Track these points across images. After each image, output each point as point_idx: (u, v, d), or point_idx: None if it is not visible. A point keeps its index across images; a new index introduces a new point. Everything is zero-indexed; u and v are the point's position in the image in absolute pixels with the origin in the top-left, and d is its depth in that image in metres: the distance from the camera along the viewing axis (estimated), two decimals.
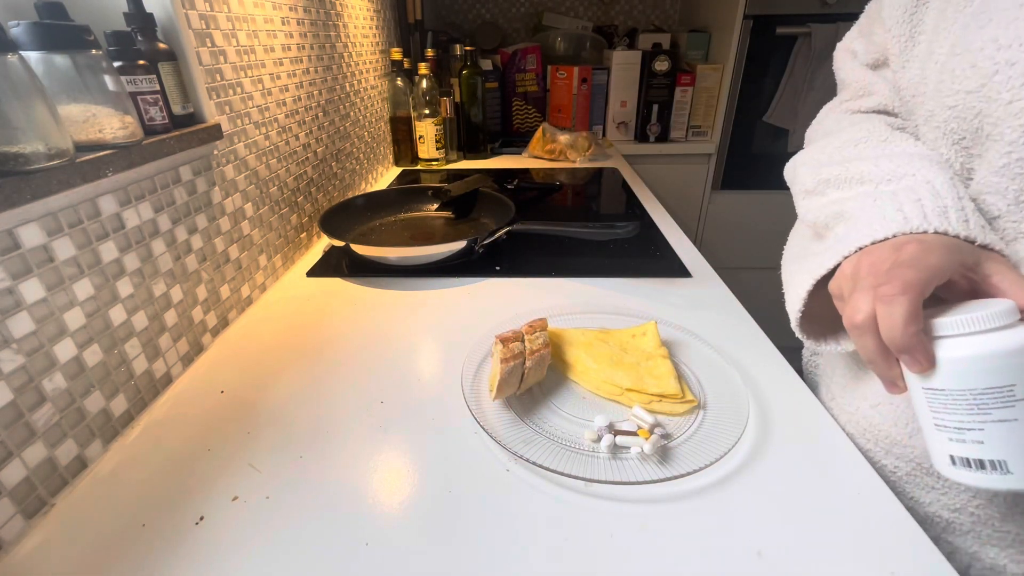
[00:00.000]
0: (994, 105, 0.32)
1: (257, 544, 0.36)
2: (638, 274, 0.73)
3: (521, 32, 1.77)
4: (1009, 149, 0.32)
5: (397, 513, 0.38)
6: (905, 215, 0.33)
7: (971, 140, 0.35)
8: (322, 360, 0.56)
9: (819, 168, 0.44)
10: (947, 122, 0.36)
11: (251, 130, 0.67)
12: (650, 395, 0.47)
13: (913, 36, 0.40)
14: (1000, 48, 0.32)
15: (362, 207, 0.91)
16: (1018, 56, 0.31)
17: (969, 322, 0.28)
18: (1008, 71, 0.31)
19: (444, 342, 0.59)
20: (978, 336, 0.28)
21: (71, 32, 0.41)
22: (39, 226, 0.39)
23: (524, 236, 0.81)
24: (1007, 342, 0.28)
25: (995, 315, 0.28)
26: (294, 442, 0.44)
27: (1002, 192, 0.33)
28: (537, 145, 1.43)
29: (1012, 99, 0.31)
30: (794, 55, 1.40)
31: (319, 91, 0.89)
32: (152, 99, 0.49)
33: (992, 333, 0.28)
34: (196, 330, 0.57)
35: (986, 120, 0.33)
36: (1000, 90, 0.32)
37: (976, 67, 0.33)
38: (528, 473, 0.41)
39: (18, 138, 0.35)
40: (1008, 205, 0.33)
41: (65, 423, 0.41)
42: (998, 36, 0.32)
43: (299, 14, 0.81)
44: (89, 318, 0.43)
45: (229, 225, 0.63)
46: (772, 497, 0.38)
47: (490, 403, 0.47)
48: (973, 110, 0.34)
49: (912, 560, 0.34)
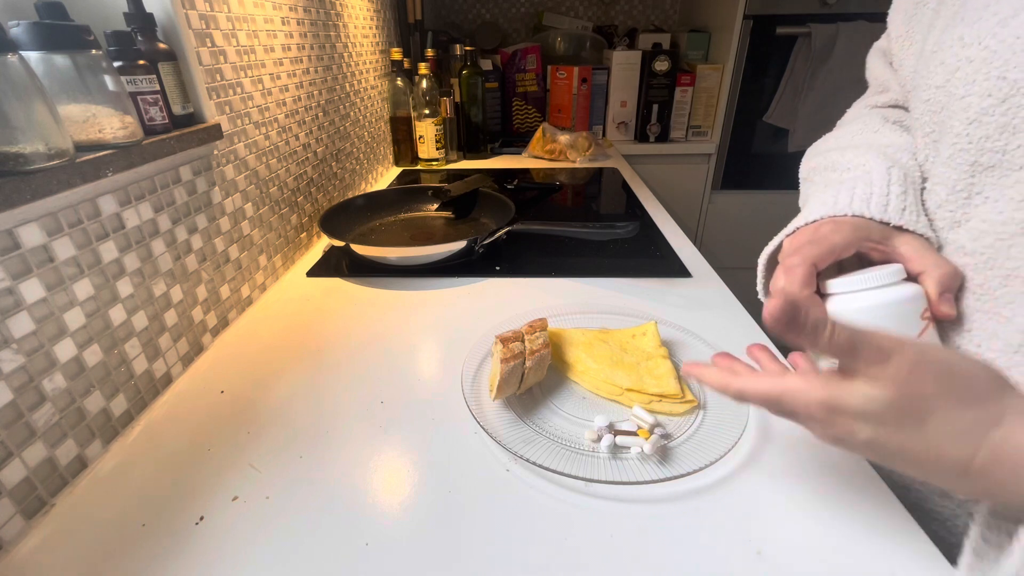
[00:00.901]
0: (952, 99, 0.35)
1: (257, 544, 0.36)
2: (638, 274, 0.73)
3: (521, 32, 1.77)
4: (955, 140, 0.35)
5: (397, 513, 0.38)
6: (836, 201, 0.38)
7: (937, 134, 0.37)
8: (322, 360, 0.56)
9: (812, 158, 0.49)
10: (922, 115, 0.38)
11: (251, 130, 0.67)
12: (650, 395, 0.47)
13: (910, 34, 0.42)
14: (964, 45, 0.34)
15: (362, 207, 0.91)
16: (976, 53, 0.33)
17: (853, 282, 0.34)
18: (967, 68, 0.33)
19: (444, 342, 0.59)
20: (861, 293, 0.34)
21: (71, 32, 0.41)
22: (39, 226, 0.39)
23: (524, 236, 0.81)
24: (882, 297, 0.33)
25: (877, 276, 0.33)
26: (294, 442, 0.44)
27: (944, 181, 0.36)
28: (537, 145, 1.43)
29: (964, 94, 0.33)
30: (794, 55, 1.40)
31: (319, 91, 0.89)
32: (152, 99, 0.49)
33: (873, 291, 0.34)
34: (196, 330, 0.57)
35: (945, 113, 0.36)
36: (958, 85, 0.34)
37: (944, 64, 0.35)
38: (528, 473, 0.41)
39: (18, 138, 0.35)
40: (948, 194, 0.36)
41: (65, 423, 0.41)
42: (964, 34, 0.34)
43: (299, 14, 0.81)
44: (89, 318, 0.43)
45: (229, 225, 0.63)
46: (772, 497, 0.38)
47: (490, 403, 0.47)
48: (939, 104, 0.36)
49: (912, 560, 0.34)
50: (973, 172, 0.34)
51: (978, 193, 0.34)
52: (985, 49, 0.32)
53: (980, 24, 0.33)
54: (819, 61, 1.37)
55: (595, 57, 1.63)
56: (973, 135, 0.33)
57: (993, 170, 0.33)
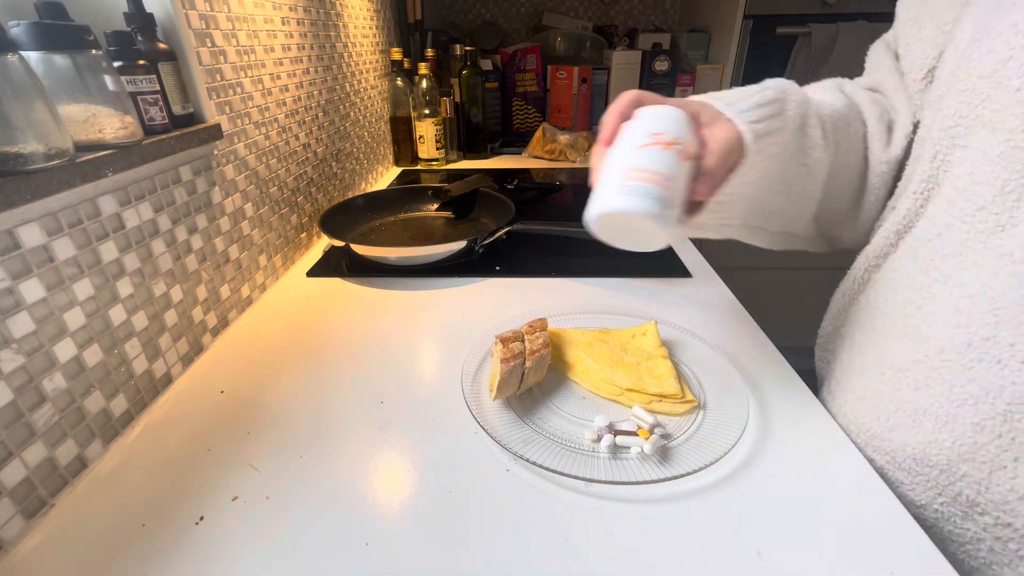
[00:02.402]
0: (1002, 91, 0.32)
1: (257, 544, 0.36)
2: (638, 274, 0.73)
3: (521, 32, 1.77)
4: (1008, 137, 0.32)
5: (397, 513, 0.38)
6: (713, 95, 0.42)
7: (965, 128, 0.35)
8: (322, 360, 0.56)
9: None
10: (951, 106, 0.36)
11: (251, 130, 0.67)
12: (650, 395, 0.47)
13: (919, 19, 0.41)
14: (1018, 33, 0.31)
15: (362, 207, 0.91)
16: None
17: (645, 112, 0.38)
18: (1022, 56, 0.31)
19: (444, 342, 0.59)
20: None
21: (71, 32, 0.41)
22: (39, 226, 0.39)
23: (524, 236, 0.81)
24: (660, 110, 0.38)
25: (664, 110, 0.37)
26: (294, 442, 0.44)
27: (991, 181, 0.33)
28: (537, 145, 1.43)
29: (1020, 86, 0.31)
30: (794, 55, 1.40)
31: (319, 91, 0.89)
32: (152, 99, 0.49)
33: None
34: (196, 330, 0.57)
35: (989, 106, 0.33)
36: (1011, 76, 0.31)
37: (992, 52, 0.33)
38: (528, 473, 0.41)
39: (18, 138, 0.35)
40: (994, 195, 0.33)
41: (65, 423, 0.41)
42: (1018, 21, 0.31)
43: (299, 14, 0.81)
44: (89, 318, 0.43)
45: (229, 225, 0.63)
46: (772, 497, 0.38)
47: (490, 403, 0.47)
48: (981, 95, 0.34)
49: (912, 560, 0.34)
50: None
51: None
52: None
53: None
54: (819, 61, 1.37)
55: (595, 57, 1.62)
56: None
57: None
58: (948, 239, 0.36)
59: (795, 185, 0.45)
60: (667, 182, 0.34)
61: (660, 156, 0.35)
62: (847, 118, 0.45)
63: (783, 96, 0.41)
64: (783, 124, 0.40)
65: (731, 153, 0.37)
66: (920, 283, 0.38)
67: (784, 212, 0.47)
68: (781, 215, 0.47)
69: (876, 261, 0.44)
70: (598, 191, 0.36)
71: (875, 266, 0.44)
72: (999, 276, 0.33)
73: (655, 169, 0.34)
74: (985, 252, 0.34)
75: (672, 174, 0.35)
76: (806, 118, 0.42)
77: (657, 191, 0.34)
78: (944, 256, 0.37)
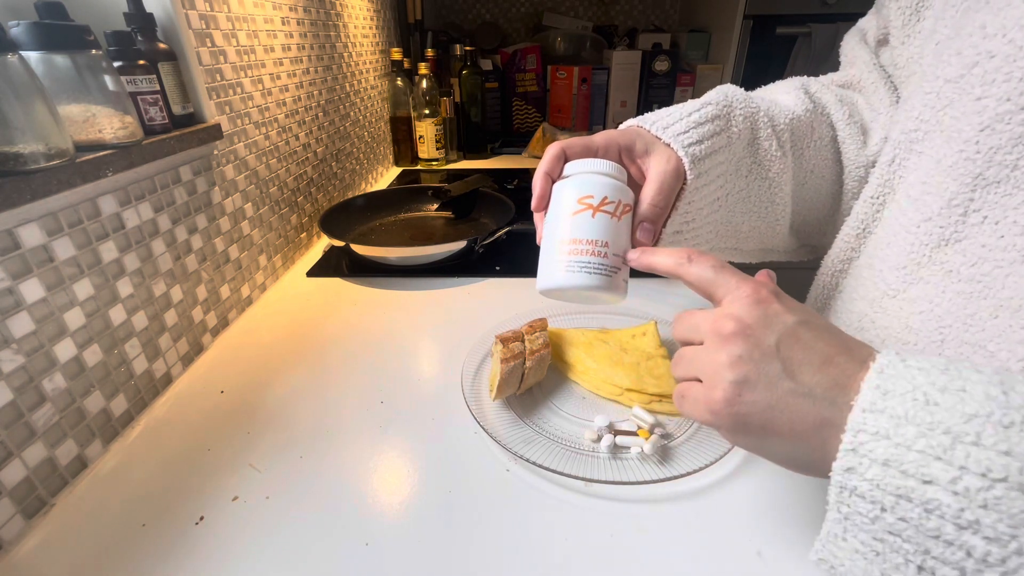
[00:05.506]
0: (965, 98, 0.30)
1: (257, 544, 0.36)
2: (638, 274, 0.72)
3: (521, 32, 1.77)
4: (962, 148, 0.30)
5: (397, 513, 0.38)
6: (650, 118, 0.39)
7: (924, 132, 0.34)
8: (322, 360, 0.56)
9: None
10: (915, 108, 0.35)
11: (251, 130, 0.67)
12: (650, 395, 0.47)
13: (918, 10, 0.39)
14: (985, 36, 0.29)
15: (362, 207, 0.91)
16: (999, 48, 0.28)
17: (575, 164, 0.36)
18: (986, 64, 0.29)
19: (444, 342, 0.59)
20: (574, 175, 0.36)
21: (71, 32, 0.41)
22: (39, 226, 0.39)
23: (524, 236, 0.81)
24: (588, 167, 0.36)
25: (595, 162, 0.35)
26: (294, 442, 0.44)
27: (941, 192, 0.32)
28: (537, 145, 1.43)
29: (981, 95, 0.29)
30: (794, 55, 1.40)
31: (319, 91, 0.89)
32: (152, 99, 0.49)
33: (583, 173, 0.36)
34: (196, 330, 0.57)
35: (950, 112, 0.31)
36: (974, 84, 0.29)
37: (960, 54, 0.31)
38: (528, 473, 0.41)
39: (18, 138, 0.35)
40: (940, 208, 0.32)
41: (65, 423, 0.41)
42: (987, 23, 0.29)
43: (299, 14, 0.81)
44: (89, 318, 0.43)
45: (229, 225, 0.63)
46: (772, 497, 0.38)
47: (490, 403, 0.47)
48: (945, 99, 0.32)
49: None
50: (975, 186, 0.30)
51: (976, 211, 0.30)
52: (1010, 43, 0.27)
53: (1008, 12, 0.28)
54: (819, 61, 1.37)
55: (595, 57, 1.62)
56: (983, 144, 0.29)
57: (998, 186, 0.29)
58: (896, 250, 0.35)
59: (760, 200, 0.43)
60: (605, 249, 0.33)
61: (593, 224, 0.34)
62: (809, 123, 0.43)
63: (726, 111, 0.39)
64: (728, 141, 0.38)
65: (671, 186, 0.36)
66: (873, 295, 0.37)
67: (756, 230, 0.45)
68: (754, 233, 0.45)
69: (841, 266, 0.42)
70: (541, 264, 0.36)
71: (841, 271, 0.43)
72: (945, 293, 0.31)
73: (591, 238, 0.33)
74: (931, 267, 0.32)
75: (610, 239, 0.34)
76: (756, 130, 0.40)
77: (596, 261, 0.33)
78: (892, 268, 0.35)
